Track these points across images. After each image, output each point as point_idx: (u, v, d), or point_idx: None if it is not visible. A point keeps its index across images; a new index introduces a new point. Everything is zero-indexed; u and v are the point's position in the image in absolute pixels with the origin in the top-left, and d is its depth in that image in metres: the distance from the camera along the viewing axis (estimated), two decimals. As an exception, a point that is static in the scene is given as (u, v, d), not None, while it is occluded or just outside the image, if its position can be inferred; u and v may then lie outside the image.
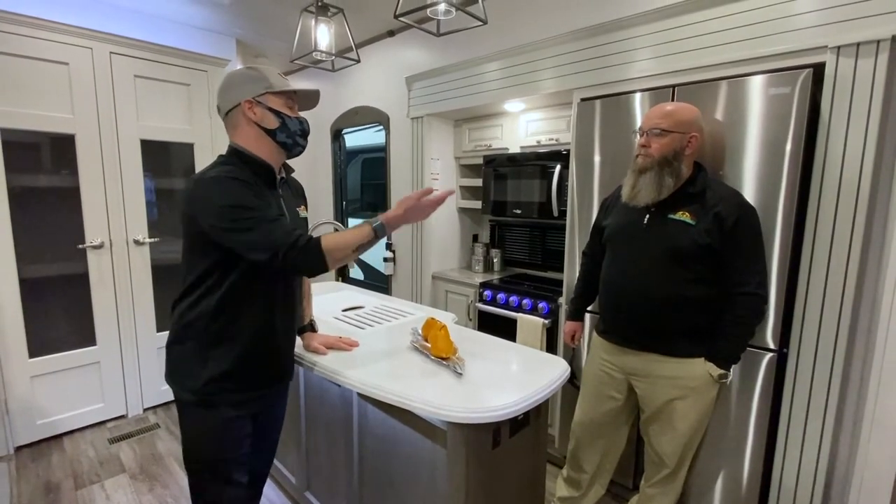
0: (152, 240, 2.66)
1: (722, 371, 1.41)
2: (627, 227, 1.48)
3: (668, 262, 1.39)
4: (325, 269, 1.10)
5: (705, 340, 1.43)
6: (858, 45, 1.35)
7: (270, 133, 1.16)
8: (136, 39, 2.53)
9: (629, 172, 1.48)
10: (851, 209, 1.39)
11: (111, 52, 2.46)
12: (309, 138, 1.24)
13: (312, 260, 1.07)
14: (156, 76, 2.64)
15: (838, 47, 1.38)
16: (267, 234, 1.05)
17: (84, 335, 2.50)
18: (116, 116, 2.50)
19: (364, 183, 5.03)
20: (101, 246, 2.48)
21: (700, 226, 1.35)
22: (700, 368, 1.42)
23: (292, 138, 1.19)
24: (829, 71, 1.40)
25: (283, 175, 1.27)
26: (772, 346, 1.53)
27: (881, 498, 1.14)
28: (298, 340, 1.46)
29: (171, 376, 1.20)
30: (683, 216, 1.37)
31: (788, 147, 1.44)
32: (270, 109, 1.15)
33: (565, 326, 1.88)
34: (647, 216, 1.45)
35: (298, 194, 1.38)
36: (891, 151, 1.36)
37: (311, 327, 1.52)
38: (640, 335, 1.49)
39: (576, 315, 1.84)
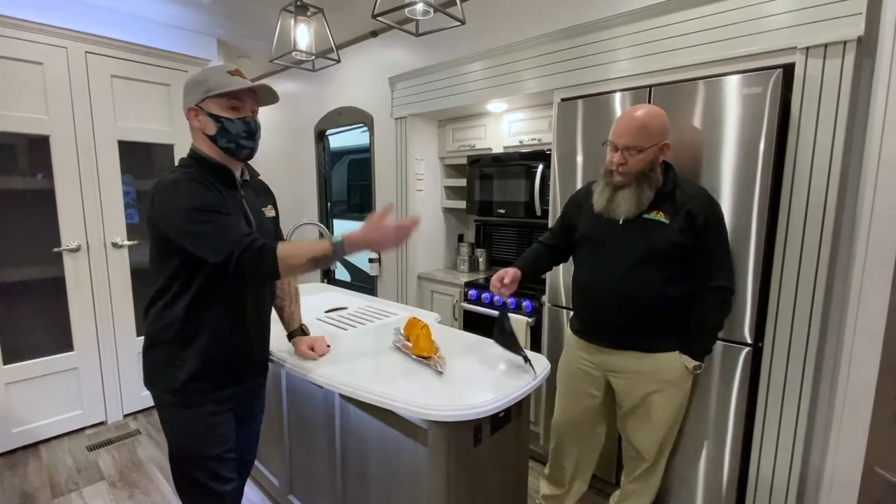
0: (131, 242, 2.61)
1: (697, 363, 1.44)
2: (604, 229, 1.49)
3: (645, 262, 1.41)
4: (276, 276, 1.08)
5: (680, 335, 1.46)
6: (826, 46, 1.38)
7: (212, 139, 1.13)
8: (112, 39, 2.48)
9: (602, 184, 1.47)
10: (821, 206, 1.43)
11: (87, 52, 2.42)
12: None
13: (265, 265, 1.05)
14: (134, 76, 2.60)
15: (807, 48, 1.41)
16: (222, 235, 1.04)
17: (61, 340, 2.44)
18: (93, 117, 2.45)
19: (350, 184, 5.01)
20: (77, 249, 2.43)
21: (674, 224, 1.37)
22: (676, 362, 1.45)
23: (234, 142, 1.13)
24: (798, 71, 1.44)
25: (247, 177, 1.26)
26: (748, 340, 1.57)
27: (852, 489, 1.17)
28: (275, 333, 1.42)
29: (150, 380, 1.20)
30: (658, 216, 1.39)
31: (762, 146, 1.47)
32: (210, 115, 1.11)
33: (500, 272, 1.56)
34: (622, 218, 1.46)
35: (265, 193, 1.37)
36: (858, 150, 1.40)
37: (302, 331, 1.47)
38: (618, 335, 1.50)
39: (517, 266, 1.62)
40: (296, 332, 1.46)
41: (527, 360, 1.33)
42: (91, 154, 2.45)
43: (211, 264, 1.05)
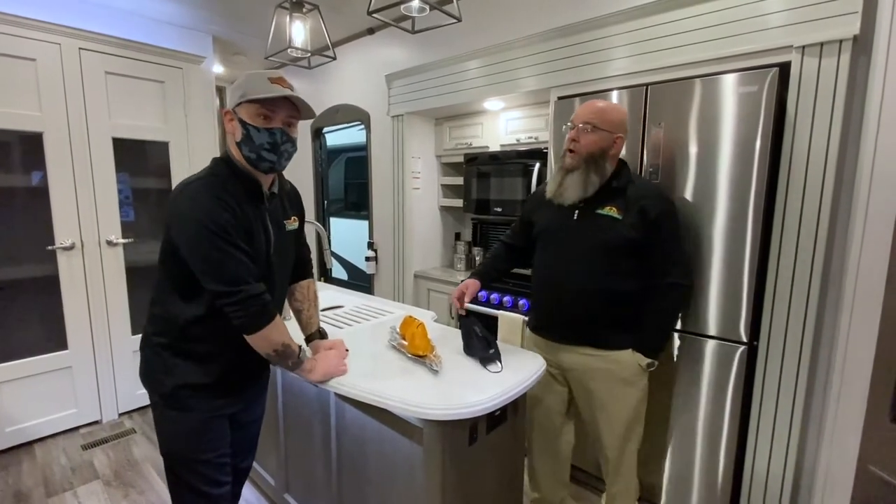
0: (126, 240, 2.60)
1: (650, 360, 1.44)
2: (558, 223, 1.49)
3: (598, 257, 1.42)
4: (248, 333, 1.07)
5: (633, 331, 1.46)
6: (822, 44, 1.38)
7: (238, 145, 1.09)
8: (106, 35, 2.46)
9: (556, 170, 1.50)
10: (816, 205, 1.43)
11: (80, 48, 2.40)
12: (292, 138, 1.14)
13: (260, 320, 1.06)
14: (128, 73, 2.57)
15: (803, 47, 1.41)
16: (226, 269, 1.02)
17: (55, 339, 2.43)
18: (87, 114, 2.43)
19: (348, 182, 5.00)
20: (71, 247, 2.41)
21: (627, 220, 1.38)
22: (629, 359, 1.45)
23: (256, 152, 1.07)
24: (794, 70, 1.44)
25: (275, 189, 1.19)
26: (744, 339, 1.57)
27: (846, 486, 1.18)
28: None
29: (145, 378, 1.18)
30: (611, 211, 1.40)
31: (758, 145, 1.47)
32: (240, 121, 1.08)
33: (461, 287, 1.63)
34: (577, 212, 1.46)
35: (293, 204, 1.31)
36: (853, 149, 1.40)
37: (320, 335, 1.41)
38: (571, 329, 1.50)
39: (475, 276, 1.68)
40: (314, 335, 1.40)
41: (496, 355, 1.32)
42: (85, 151, 2.44)
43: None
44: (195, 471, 1.17)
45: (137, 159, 2.71)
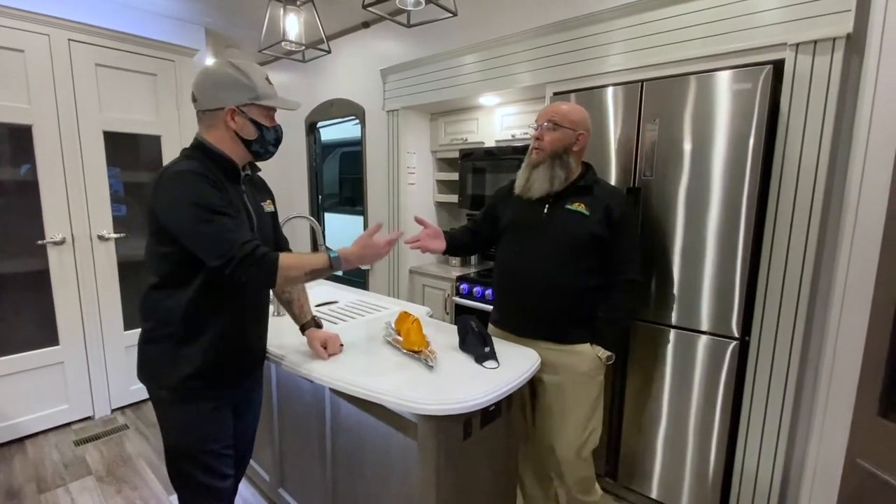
0: (118, 235, 2.57)
1: (609, 353, 1.47)
2: (527, 217, 1.51)
3: (565, 252, 1.45)
4: (273, 286, 1.09)
5: (590, 326, 1.49)
6: (816, 42, 1.39)
7: (246, 142, 1.14)
8: (96, 26, 2.42)
9: (523, 167, 1.54)
10: (808, 202, 1.45)
11: (70, 40, 2.36)
12: (283, 131, 1.23)
13: (265, 273, 1.06)
14: (119, 65, 2.54)
15: (797, 45, 1.42)
16: (224, 238, 1.03)
17: (46, 334, 2.40)
18: (77, 107, 2.40)
19: (342, 177, 4.97)
20: (62, 242, 2.39)
21: (594, 217, 1.43)
22: (589, 352, 1.47)
23: (265, 148, 1.18)
24: (788, 67, 1.45)
25: (249, 172, 1.24)
26: (736, 334, 1.59)
27: (834, 479, 1.20)
28: (273, 328, 1.41)
29: (145, 375, 1.18)
30: (579, 207, 1.45)
31: (751, 142, 1.48)
32: (251, 120, 1.13)
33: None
34: (547, 206, 1.48)
35: (264, 189, 1.35)
36: (845, 146, 1.41)
37: (315, 323, 1.43)
38: (535, 323, 1.51)
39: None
40: (308, 323, 1.42)
41: (491, 353, 1.32)
42: (75, 145, 2.40)
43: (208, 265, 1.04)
44: (202, 463, 1.18)
45: (129, 153, 2.69)
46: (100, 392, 2.59)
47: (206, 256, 1.04)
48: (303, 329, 1.42)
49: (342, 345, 1.40)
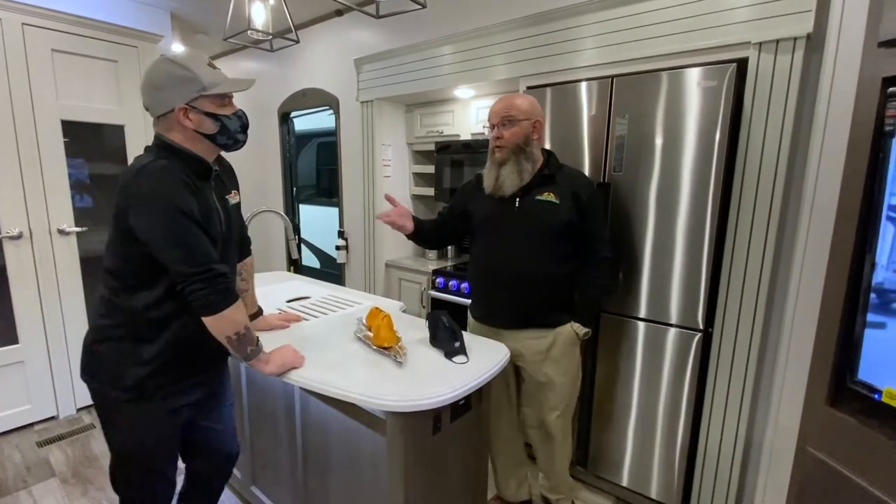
0: (80, 229, 2.47)
1: (587, 329, 1.54)
2: (499, 213, 1.53)
3: (539, 242, 1.49)
4: (207, 315, 1.05)
5: (571, 308, 1.56)
6: (778, 41, 1.42)
7: (210, 137, 1.10)
8: (52, 10, 2.30)
9: (489, 165, 1.55)
10: (768, 198, 1.49)
11: (24, 24, 2.23)
12: (255, 121, 1.19)
13: (227, 299, 1.05)
14: (77, 51, 2.42)
15: (760, 43, 1.45)
16: (193, 251, 1.01)
17: (4, 333, 2.31)
18: (32, 94, 2.28)
19: (320, 168, 4.87)
20: (19, 236, 2.28)
21: (564, 205, 1.47)
22: (567, 330, 1.54)
23: (232, 138, 1.13)
24: (751, 66, 1.48)
25: (216, 166, 1.20)
26: (700, 326, 1.63)
27: (787, 464, 1.26)
28: None
29: (94, 376, 1.13)
30: (549, 196, 1.48)
31: (717, 138, 1.51)
32: (206, 114, 1.08)
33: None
34: (517, 200, 1.51)
35: (230, 179, 1.32)
36: (804, 144, 1.45)
37: (260, 313, 1.52)
38: (516, 313, 1.55)
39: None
40: (256, 314, 1.47)
41: (461, 348, 1.33)
42: (31, 134, 2.29)
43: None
44: (153, 466, 1.16)
45: (92, 143, 2.58)
46: (64, 391, 2.51)
47: (169, 263, 1.01)
48: (251, 318, 1.45)
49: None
